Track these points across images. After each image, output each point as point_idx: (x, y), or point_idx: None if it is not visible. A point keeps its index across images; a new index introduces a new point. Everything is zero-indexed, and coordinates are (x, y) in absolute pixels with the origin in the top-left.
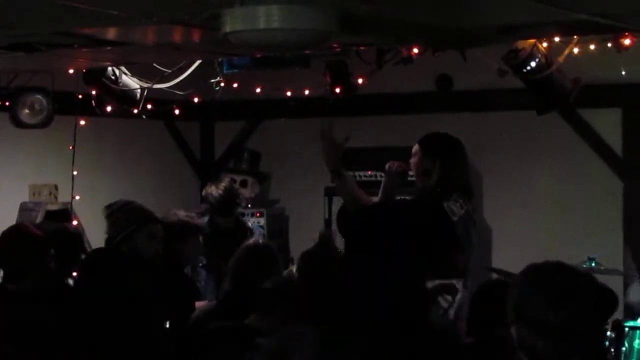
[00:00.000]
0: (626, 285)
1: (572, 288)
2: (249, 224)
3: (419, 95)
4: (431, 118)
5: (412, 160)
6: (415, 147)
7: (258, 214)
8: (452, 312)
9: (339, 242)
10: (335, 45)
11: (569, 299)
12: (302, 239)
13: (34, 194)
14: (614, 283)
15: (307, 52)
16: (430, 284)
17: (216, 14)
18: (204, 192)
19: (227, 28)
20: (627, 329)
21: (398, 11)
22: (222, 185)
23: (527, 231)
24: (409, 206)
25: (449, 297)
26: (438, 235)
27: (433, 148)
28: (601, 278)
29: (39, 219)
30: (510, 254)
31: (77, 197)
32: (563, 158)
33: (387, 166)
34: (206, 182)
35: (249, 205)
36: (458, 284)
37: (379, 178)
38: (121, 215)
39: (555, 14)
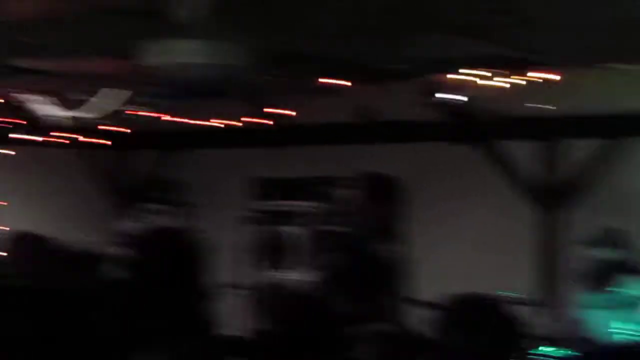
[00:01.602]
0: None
1: (488, 319)
2: None
3: (341, 125)
4: (354, 149)
5: (352, 195)
6: (357, 182)
7: None
8: None
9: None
10: (259, 76)
11: (485, 329)
12: None
13: None
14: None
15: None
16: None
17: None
18: (122, 227)
19: (148, 61)
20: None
21: (319, 48)
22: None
23: (444, 260)
24: None
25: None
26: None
27: (376, 189)
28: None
29: None
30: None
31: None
32: (482, 187)
33: (330, 193)
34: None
35: None
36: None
37: (303, 208)
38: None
39: (477, 49)
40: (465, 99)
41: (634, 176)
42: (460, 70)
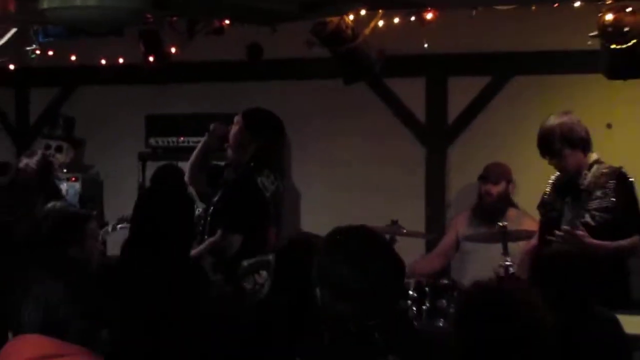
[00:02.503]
0: (429, 247)
1: (373, 253)
2: (65, 188)
3: (230, 63)
4: (242, 86)
5: (232, 130)
6: (238, 118)
7: (73, 179)
8: (267, 286)
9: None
10: (148, 16)
11: (369, 264)
12: (116, 204)
13: None
14: (417, 245)
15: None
16: (246, 262)
17: None
18: (20, 165)
19: (45, 4)
20: (427, 289)
21: None
22: (36, 158)
23: (334, 196)
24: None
25: (264, 273)
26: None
27: (256, 125)
28: (405, 240)
29: None
30: (318, 218)
31: None
32: (369, 125)
33: (211, 127)
34: (22, 149)
35: (65, 170)
36: (272, 258)
37: (191, 144)
38: None
39: None
40: (350, 37)
41: (516, 113)
42: (343, 11)
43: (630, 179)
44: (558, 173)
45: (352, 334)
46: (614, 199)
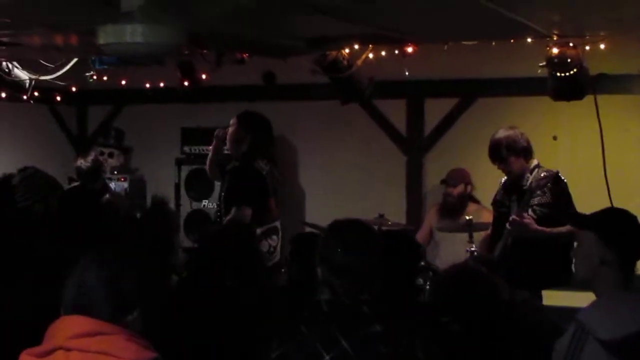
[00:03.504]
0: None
1: (363, 238)
2: (114, 186)
3: (249, 87)
4: (259, 105)
5: (229, 130)
6: (233, 120)
7: (122, 179)
8: (278, 248)
9: (188, 204)
10: (184, 50)
11: (359, 247)
12: None
13: None
14: None
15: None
16: (259, 230)
17: (92, 28)
18: (76, 164)
19: (101, 40)
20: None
21: (230, 31)
22: (90, 158)
23: (333, 195)
24: None
25: (275, 237)
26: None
27: (247, 122)
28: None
29: None
30: (321, 213)
31: None
32: (361, 138)
33: (216, 132)
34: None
35: (115, 172)
36: (278, 224)
37: None
38: (35, 181)
39: (353, 29)
40: (346, 67)
41: (480, 128)
42: (341, 45)
43: (564, 180)
44: (506, 177)
45: (345, 306)
46: (551, 197)
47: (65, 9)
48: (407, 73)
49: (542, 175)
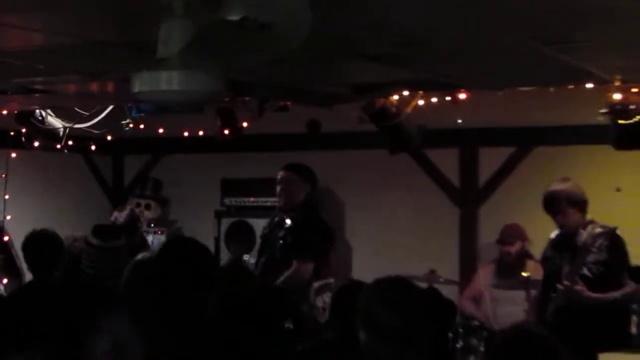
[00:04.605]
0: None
1: (407, 298)
2: (151, 240)
3: (293, 136)
4: (303, 155)
5: (280, 184)
6: (282, 173)
7: (160, 232)
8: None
9: (226, 256)
10: (225, 98)
11: (404, 310)
12: None
13: None
14: (451, 289)
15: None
16: (317, 284)
17: (127, 75)
18: (112, 217)
19: (136, 88)
20: (460, 329)
21: (272, 79)
22: (125, 212)
23: (381, 249)
24: None
25: (329, 294)
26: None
27: (303, 171)
28: (440, 287)
29: None
30: (368, 268)
31: (9, 217)
32: (411, 189)
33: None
34: (117, 207)
35: (152, 225)
36: (333, 282)
37: (259, 203)
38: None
39: (401, 74)
40: (395, 114)
41: (538, 179)
42: (389, 92)
43: (622, 237)
44: (556, 232)
45: None
46: (607, 254)
47: (100, 56)
48: (459, 121)
49: (597, 231)
